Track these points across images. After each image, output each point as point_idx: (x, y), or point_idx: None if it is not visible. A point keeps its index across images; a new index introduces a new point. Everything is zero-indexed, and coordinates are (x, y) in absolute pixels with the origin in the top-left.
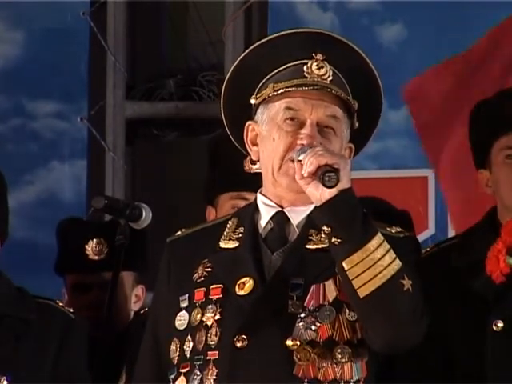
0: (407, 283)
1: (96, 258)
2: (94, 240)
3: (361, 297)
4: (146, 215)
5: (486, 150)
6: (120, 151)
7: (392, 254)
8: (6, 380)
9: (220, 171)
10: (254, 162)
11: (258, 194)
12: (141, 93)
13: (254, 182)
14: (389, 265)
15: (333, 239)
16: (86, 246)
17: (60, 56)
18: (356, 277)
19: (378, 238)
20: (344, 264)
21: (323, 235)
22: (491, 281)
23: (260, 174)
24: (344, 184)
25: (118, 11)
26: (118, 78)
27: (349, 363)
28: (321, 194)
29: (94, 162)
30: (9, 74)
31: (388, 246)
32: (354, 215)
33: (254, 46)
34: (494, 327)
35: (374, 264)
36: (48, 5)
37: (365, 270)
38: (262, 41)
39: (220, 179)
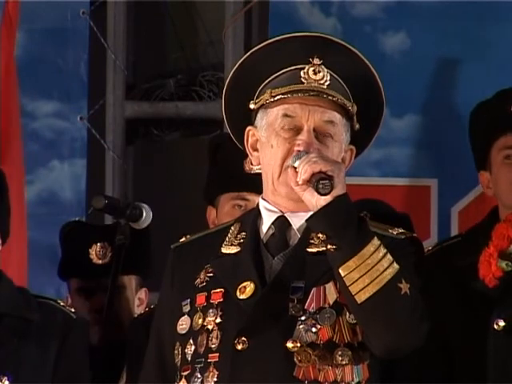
0: (405, 287)
1: (100, 262)
2: (98, 244)
3: (358, 302)
4: (147, 215)
5: (486, 151)
6: (120, 151)
7: (389, 258)
8: (8, 380)
9: (220, 171)
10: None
11: (260, 200)
12: (141, 93)
13: (255, 183)
14: (385, 269)
15: (328, 246)
16: (90, 250)
17: (60, 56)
18: (353, 283)
19: (374, 243)
20: (340, 270)
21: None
22: None
23: (261, 174)
24: (338, 191)
25: (118, 11)
26: (118, 77)
27: (349, 365)
28: (316, 200)
29: (93, 162)
30: None
31: (385, 251)
32: (349, 221)
33: (253, 50)
34: (496, 326)
35: (370, 269)
36: (48, 4)
37: (361, 276)
38: (261, 45)
39: (220, 180)
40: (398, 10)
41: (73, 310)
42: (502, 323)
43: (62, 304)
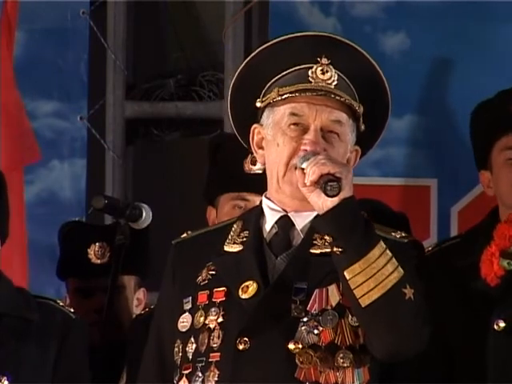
0: (409, 292)
1: (98, 261)
2: (97, 244)
3: (362, 306)
4: (146, 215)
5: (487, 151)
6: (120, 151)
7: (394, 263)
8: (7, 380)
9: (220, 172)
10: (254, 163)
11: (264, 198)
12: (141, 93)
13: (255, 183)
14: (390, 274)
15: (334, 248)
16: (89, 250)
17: (60, 56)
18: (358, 286)
19: (380, 247)
20: (346, 273)
21: (327, 241)
22: None
23: (260, 174)
24: (346, 193)
25: (118, 11)
26: (118, 77)
27: (350, 368)
28: (323, 202)
29: (93, 162)
30: None
31: (390, 255)
32: (356, 224)
33: (260, 48)
34: (496, 327)
35: (375, 273)
36: (48, 4)
37: (366, 280)
38: (268, 43)
39: (220, 180)
40: (398, 10)
41: (72, 310)
42: (502, 324)
43: (61, 304)
